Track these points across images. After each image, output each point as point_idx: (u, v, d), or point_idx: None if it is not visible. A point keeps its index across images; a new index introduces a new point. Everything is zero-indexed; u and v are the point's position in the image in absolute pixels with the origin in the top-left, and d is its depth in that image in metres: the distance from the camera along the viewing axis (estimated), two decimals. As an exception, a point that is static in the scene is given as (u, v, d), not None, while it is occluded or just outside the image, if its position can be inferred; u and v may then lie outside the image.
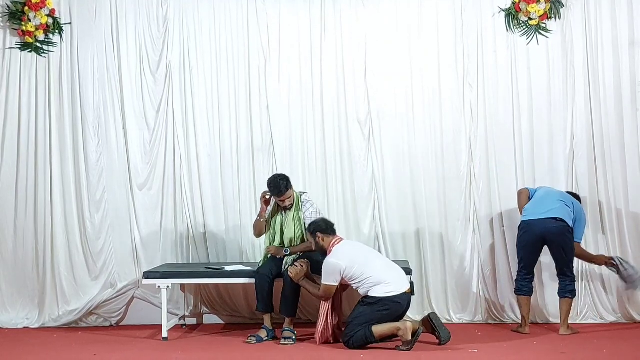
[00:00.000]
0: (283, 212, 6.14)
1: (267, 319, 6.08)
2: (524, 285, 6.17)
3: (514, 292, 6.27)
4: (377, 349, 5.68)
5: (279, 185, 6.00)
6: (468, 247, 6.70)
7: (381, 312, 5.63)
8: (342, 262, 5.69)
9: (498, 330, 6.39)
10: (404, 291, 5.70)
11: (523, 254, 6.16)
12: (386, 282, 5.66)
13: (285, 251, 6.08)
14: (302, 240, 6.11)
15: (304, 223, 6.07)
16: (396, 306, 5.67)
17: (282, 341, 5.87)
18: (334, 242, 5.83)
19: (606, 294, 6.57)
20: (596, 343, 5.80)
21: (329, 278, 5.72)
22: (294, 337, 5.90)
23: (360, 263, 5.71)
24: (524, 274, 6.18)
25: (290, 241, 6.10)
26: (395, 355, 5.53)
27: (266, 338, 5.99)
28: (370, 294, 5.66)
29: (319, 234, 5.85)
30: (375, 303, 5.63)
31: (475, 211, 6.70)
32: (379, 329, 5.61)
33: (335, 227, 6.15)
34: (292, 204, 6.10)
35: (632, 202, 6.58)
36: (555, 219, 6.04)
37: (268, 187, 6.08)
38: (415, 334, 5.54)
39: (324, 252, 5.85)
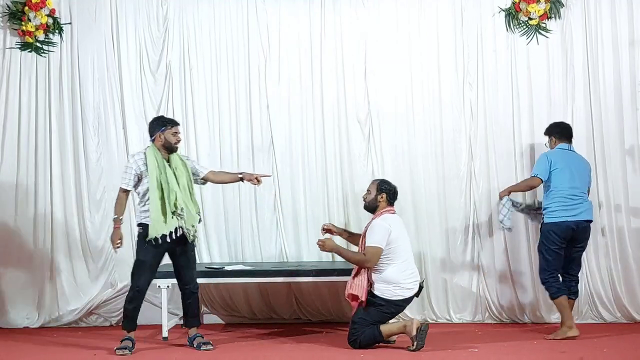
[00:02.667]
0: (167, 166, 5.64)
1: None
2: (561, 285, 5.98)
3: (554, 295, 5.94)
4: (377, 348, 5.68)
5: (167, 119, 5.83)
6: (468, 247, 6.70)
7: (387, 314, 5.64)
8: (392, 229, 5.63)
9: (498, 329, 6.39)
10: (412, 295, 5.69)
11: (555, 254, 5.97)
12: (401, 285, 5.61)
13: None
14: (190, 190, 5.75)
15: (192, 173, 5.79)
16: (400, 309, 5.71)
17: (206, 347, 5.72)
18: (389, 210, 5.75)
19: (606, 294, 6.57)
20: (596, 343, 5.79)
21: (379, 240, 5.58)
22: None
23: (401, 245, 5.64)
24: (557, 274, 6.00)
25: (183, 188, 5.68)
26: (395, 354, 5.53)
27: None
28: (381, 293, 5.58)
29: (384, 195, 5.77)
30: (383, 305, 5.60)
31: (475, 210, 6.70)
32: (386, 328, 5.60)
33: (335, 224, 6.17)
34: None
35: (632, 201, 6.58)
36: (587, 220, 6.02)
37: (166, 122, 5.74)
38: (420, 329, 5.51)
39: (372, 210, 5.78)
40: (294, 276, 6.29)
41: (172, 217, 5.60)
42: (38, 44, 6.84)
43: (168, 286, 6.21)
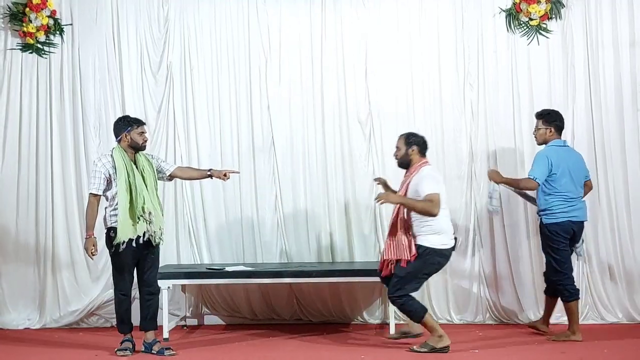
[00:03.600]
0: (135, 168, 5.59)
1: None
2: (575, 288, 5.93)
3: (568, 299, 5.87)
4: (376, 347, 5.68)
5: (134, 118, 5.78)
6: (469, 247, 6.69)
7: (434, 265, 5.60)
8: (440, 178, 5.68)
9: (499, 330, 6.38)
10: (452, 246, 5.67)
11: (564, 253, 5.90)
12: (445, 233, 5.60)
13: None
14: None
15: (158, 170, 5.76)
16: (446, 260, 5.66)
17: (170, 352, 5.64)
18: (424, 162, 5.72)
19: (607, 294, 6.56)
20: (597, 343, 5.79)
21: (435, 187, 5.51)
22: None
23: (444, 195, 5.61)
24: (571, 274, 5.93)
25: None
26: (395, 355, 5.53)
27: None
28: (430, 244, 5.52)
29: (414, 148, 5.72)
30: (429, 254, 5.54)
31: (476, 211, 6.70)
32: (430, 319, 5.57)
33: (336, 226, 6.17)
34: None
35: (633, 201, 6.57)
36: (583, 221, 6.02)
37: (131, 122, 5.67)
38: (443, 348, 5.48)
39: (406, 166, 5.73)
40: (295, 277, 6.28)
41: (140, 221, 5.55)
42: (39, 45, 6.84)
43: (169, 287, 6.23)
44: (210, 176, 5.86)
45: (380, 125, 6.79)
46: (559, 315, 6.50)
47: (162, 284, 6.13)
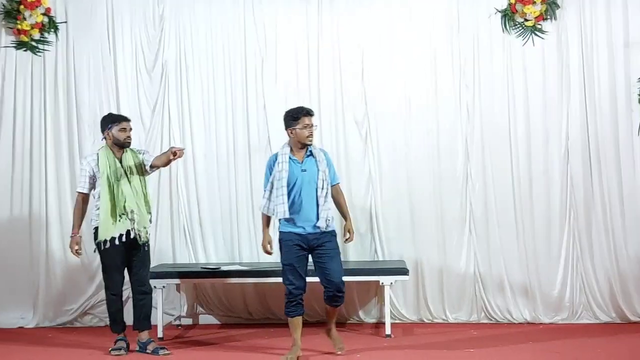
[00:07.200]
0: (119, 167, 5.56)
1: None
2: None
3: None
4: (372, 347, 5.69)
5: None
6: (464, 247, 6.71)
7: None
8: None
9: (494, 330, 6.40)
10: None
11: None
12: None
13: None
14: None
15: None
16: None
17: (164, 352, 5.61)
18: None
19: (601, 294, 6.59)
20: (590, 343, 5.81)
21: None
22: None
23: None
24: None
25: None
26: (391, 354, 5.54)
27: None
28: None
29: None
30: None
31: (472, 211, 6.71)
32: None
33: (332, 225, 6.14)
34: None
35: (627, 202, 6.59)
36: None
37: (113, 119, 5.68)
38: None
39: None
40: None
41: (121, 220, 5.52)
42: (33, 43, 6.81)
43: (164, 286, 6.22)
44: (174, 153, 5.47)
45: (376, 125, 6.80)
46: (554, 315, 6.56)
47: (157, 283, 6.12)
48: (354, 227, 6.69)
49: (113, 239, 5.52)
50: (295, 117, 5.39)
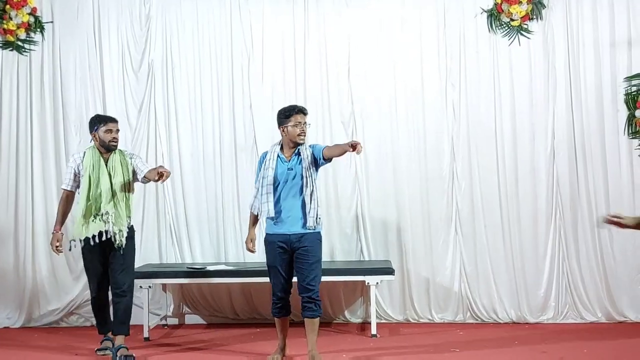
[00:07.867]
0: (102, 167, 5.53)
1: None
2: None
3: None
4: (358, 347, 5.68)
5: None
6: (450, 247, 6.71)
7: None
8: None
9: (480, 329, 6.41)
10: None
11: None
12: None
13: None
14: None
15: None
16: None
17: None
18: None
19: (586, 294, 6.60)
20: (576, 343, 5.83)
21: None
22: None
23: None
24: None
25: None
26: (376, 354, 5.54)
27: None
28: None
29: None
30: None
31: (458, 211, 6.71)
32: None
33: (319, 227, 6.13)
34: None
35: (612, 200, 6.59)
36: None
37: (100, 120, 5.64)
38: None
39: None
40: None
41: (95, 221, 5.49)
42: (19, 43, 6.79)
43: (150, 286, 6.20)
44: (160, 174, 5.28)
45: (362, 125, 6.80)
46: (539, 315, 6.57)
47: (143, 282, 6.12)
48: (340, 227, 6.77)
49: (87, 239, 5.50)
50: (288, 114, 5.33)
